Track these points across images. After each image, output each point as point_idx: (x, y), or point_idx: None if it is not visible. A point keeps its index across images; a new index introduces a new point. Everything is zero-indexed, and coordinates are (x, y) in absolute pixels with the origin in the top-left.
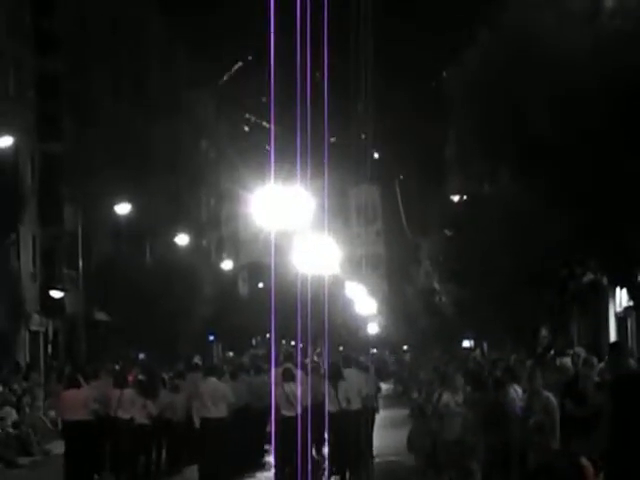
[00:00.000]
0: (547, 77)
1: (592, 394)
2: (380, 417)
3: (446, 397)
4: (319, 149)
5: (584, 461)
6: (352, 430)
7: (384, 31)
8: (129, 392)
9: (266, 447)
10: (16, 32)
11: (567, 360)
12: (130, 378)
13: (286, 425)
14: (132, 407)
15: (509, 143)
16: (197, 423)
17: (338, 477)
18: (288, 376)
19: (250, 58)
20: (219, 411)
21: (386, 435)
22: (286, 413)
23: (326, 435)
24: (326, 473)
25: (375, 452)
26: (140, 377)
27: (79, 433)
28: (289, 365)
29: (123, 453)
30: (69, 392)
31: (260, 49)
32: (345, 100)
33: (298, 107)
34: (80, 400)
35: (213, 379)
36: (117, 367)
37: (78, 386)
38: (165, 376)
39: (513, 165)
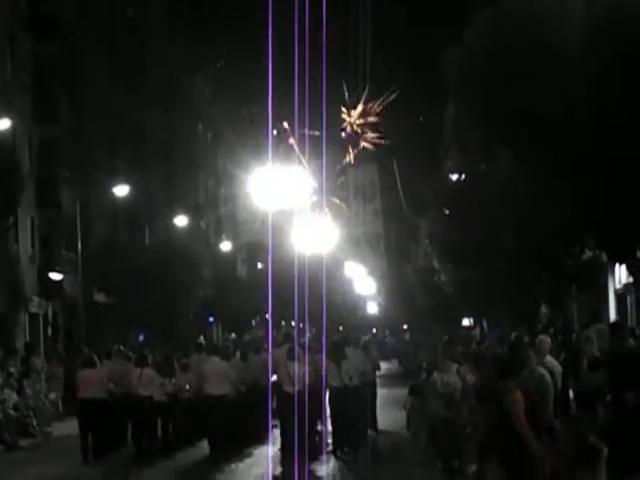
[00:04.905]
0: (545, 55)
1: (585, 371)
2: (381, 395)
3: (434, 377)
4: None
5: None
6: (352, 404)
7: (382, 14)
8: (149, 371)
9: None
10: (12, 15)
11: (545, 338)
12: None
13: (290, 401)
14: (151, 385)
15: (508, 120)
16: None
17: (341, 449)
18: (292, 355)
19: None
20: (222, 388)
21: (386, 412)
22: (289, 390)
23: (328, 409)
24: (325, 445)
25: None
26: (155, 357)
27: (93, 410)
28: (292, 345)
29: (143, 427)
30: (85, 371)
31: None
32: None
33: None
34: (96, 379)
35: (216, 358)
36: (122, 348)
37: (94, 366)
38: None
39: (513, 141)
